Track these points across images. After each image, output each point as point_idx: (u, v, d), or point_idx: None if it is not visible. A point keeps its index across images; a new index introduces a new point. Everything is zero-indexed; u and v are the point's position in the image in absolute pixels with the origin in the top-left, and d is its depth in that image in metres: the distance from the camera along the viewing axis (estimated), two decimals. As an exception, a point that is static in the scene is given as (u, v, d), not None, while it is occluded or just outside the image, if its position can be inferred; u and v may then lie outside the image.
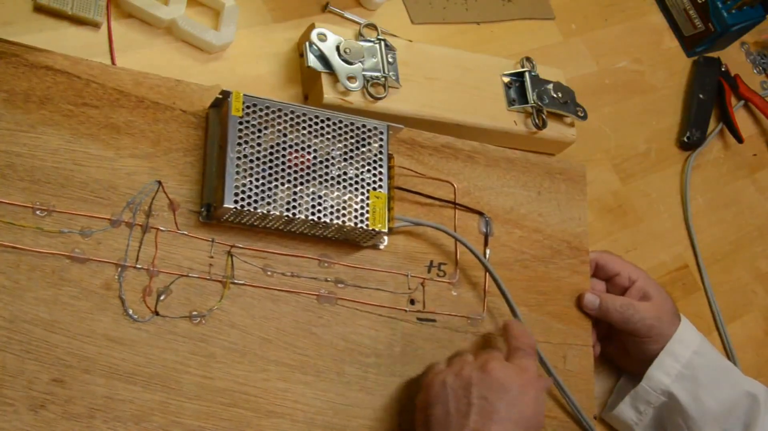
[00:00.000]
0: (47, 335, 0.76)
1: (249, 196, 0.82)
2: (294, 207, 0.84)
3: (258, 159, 0.84)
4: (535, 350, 0.90)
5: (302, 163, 0.86)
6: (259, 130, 0.85)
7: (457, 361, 0.88)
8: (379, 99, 0.99)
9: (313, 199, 0.85)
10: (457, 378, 0.84)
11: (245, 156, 0.83)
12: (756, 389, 1.01)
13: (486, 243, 0.99)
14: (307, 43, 0.98)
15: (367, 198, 0.88)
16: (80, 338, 0.78)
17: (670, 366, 1.00)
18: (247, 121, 0.84)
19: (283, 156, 0.85)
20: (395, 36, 1.08)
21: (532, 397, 0.84)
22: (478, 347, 0.96)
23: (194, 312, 0.83)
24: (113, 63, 0.94)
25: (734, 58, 1.44)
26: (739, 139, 1.34)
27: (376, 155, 0.90)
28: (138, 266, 0.82)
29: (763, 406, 0.99)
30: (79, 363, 0.77)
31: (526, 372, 0.86)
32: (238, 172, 0.83)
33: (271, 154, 0.85)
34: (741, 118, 1.39)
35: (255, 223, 0.86)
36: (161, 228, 0.84)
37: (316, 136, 0.87)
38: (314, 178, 0.86)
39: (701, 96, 1.35)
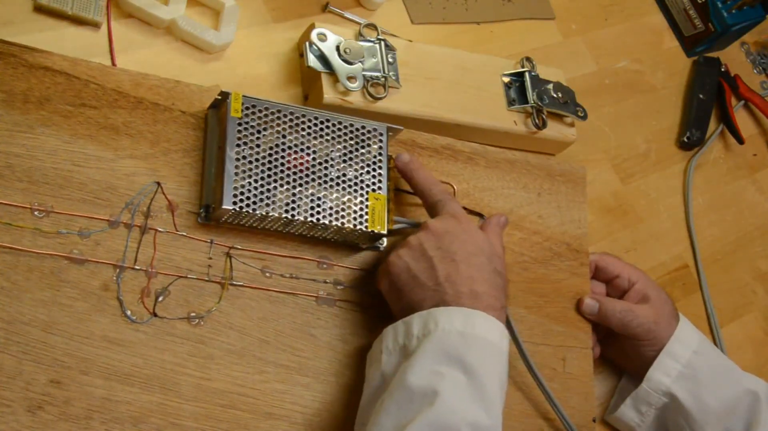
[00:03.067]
0: (45, 336, 0.76)
1: (248, 198, 0.82)
2: (293, 208, 0.84)
3: (257, 160, 0.84)
4: (448, 191, 0.93)
5: (301, 164, 0.86)
6: (259, 131, 0.85)
7: (399, 243, 0.89)
8: (379, 99, 0.99)
9: (312, 201, 0.85)
10: (407, 248, 0.87)
11: (244, 157, 0.83)
12: (757, 386, 1.01)
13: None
14: (307, 43, 0.98)
15: (366, 199, 0.88)
16: (78, 339, 0.78)
17: (670, 366, 1.00)
18: (246, 122, 0.84)
19: (283, 157, 0.85)
20: (395, 36, 1.07)
21: (474, 231, 0.88)
22: None
23: (192, 314, 0.83)
24: (113, 63, 0.94)
25: (734, 58, 1.44)
26: (740, 140, 1.34)
27: (375, 156, 0.90)
28: (136, 267, 0.82)
29: (765, 403, 0.99)
30: (77, 365, 0.77)
31: (456, 215, 0.89)
32: (237, 173, 0.83)
33: (270, 155, 0.85)
34: (741, 118, 1.39)
35: (254, 225, 0.86)
36: (160, 229, 0.84)
37: (315, 138, 0.87)
38: (313, 180, 0.86)
39: (701, 96, 1.35)
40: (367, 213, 0.88)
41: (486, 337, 0.81)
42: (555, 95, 1.11)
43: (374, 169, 0.89)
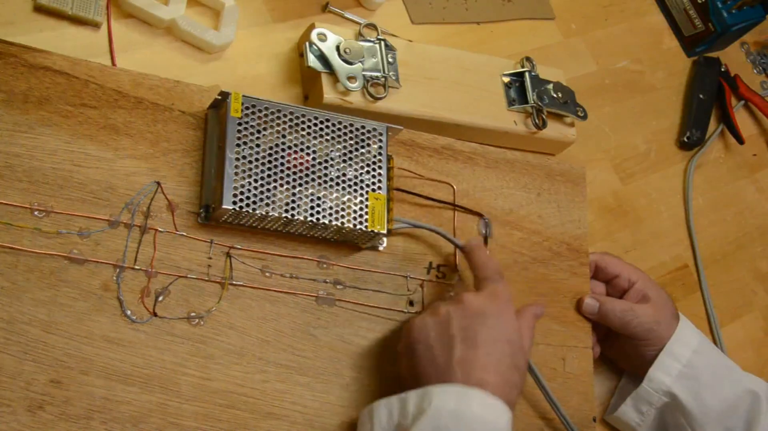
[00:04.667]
0: (45, 336, 0.76)
1: (248, 197, 0.82)
2: (293, 208, 0.84)
3: (257, 160, 0.84)
4: (502, 274, 0.90)
5: (301, 164, 0.86)
6: (258, 131, 0.85)
7: (432, 305, 0.88)
8: (379, 99, 0.99)
9: (312, 200, 0.85)
10: (435, 317, 0.85)
11: (244, 157, 0.83)
12: (757, 386, 1.01)
13: (485, 245, 0.99)
14: (307, 43, 0.98)
15: (366, 199, 0.88)
16: (78, 339, 0.78)
17: (670, 366, 1.00)
18: (246, 122, 0.84)
19: (282, 157, 0.85)
20: (395, 36, 1.07)
21: (508, 318, 0.85)
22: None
23: (192, 314, 0.83)
24: (113, 63, 0.94)
25: (734, 58, 1.44)
26: (740, 140, 1.34)
27: (375, 156, 0.90)
28: (136, 267, 0.82)
29: (765, 403, 0.99)
30: (77, 365, 0.77)
31: (498, 297, 0.87)
32: (236, 173, 0.83)
33: (270, 155, 0.85)
34: (741, 118, 1.39)
35: (254, 224, 0.86)
36: (160, 229, 0.84)
37: (315, 137, 0.87)
38: (313, 179, 0.86)
39: (701, 96, 1.35)
40: (366, 212, 0.88)
41: (482, 416, 0.78)
42: (555, 95, 1.11)
43: (374, 169, 0.89)
